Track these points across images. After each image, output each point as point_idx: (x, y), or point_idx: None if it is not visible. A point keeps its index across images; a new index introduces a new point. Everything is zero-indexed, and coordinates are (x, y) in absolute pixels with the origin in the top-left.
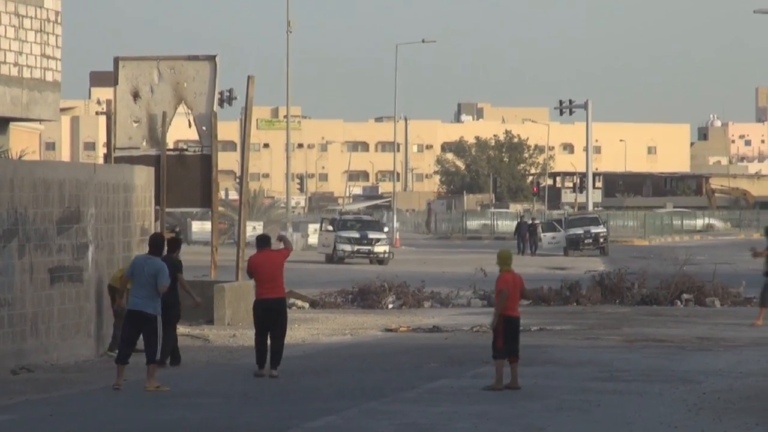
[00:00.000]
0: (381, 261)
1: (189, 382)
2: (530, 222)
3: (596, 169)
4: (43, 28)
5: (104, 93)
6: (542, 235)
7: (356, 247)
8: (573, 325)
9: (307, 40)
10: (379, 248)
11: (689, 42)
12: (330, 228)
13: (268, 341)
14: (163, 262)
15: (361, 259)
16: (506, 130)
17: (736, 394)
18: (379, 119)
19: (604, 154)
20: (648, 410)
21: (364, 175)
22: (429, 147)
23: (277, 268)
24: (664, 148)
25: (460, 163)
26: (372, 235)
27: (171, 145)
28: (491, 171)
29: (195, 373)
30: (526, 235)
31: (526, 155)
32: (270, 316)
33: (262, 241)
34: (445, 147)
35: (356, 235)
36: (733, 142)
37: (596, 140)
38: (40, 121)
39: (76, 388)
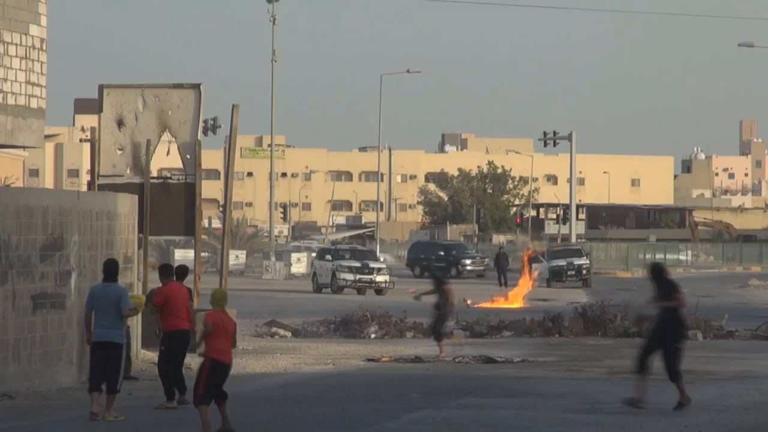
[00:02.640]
0: (380, 291)
1: (170, 411)
2: (500, 251)
3: (580, 200)
4: (28, 55)
5: (88, 120)
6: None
7: (358, 276)
8: (555, 356)
9: (292, 69)
10: (380, 277)
11: (673, 74)
12: (329, 257)
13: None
14: (122, 287)
15: (355, 289)
16: (489, 161)
17: (717, 428)
18: (363, 149)
19: (587, 185)
20: None
21: (348, 204)
22: (413, 177)
23: (186, 300)
24: (648, 181)
25: (443, 194)
26: (373, 264)
27: (155, 173)
28: (474, 202)
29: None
30: (505, 267)
31: (510, 186)
32: (181, 347)
33: (172, 271)
34: (429, 177)
35: (357, 264)
36: (716, 174)
37: (580, 172)
38: (24, 147)
39: (58, 416)
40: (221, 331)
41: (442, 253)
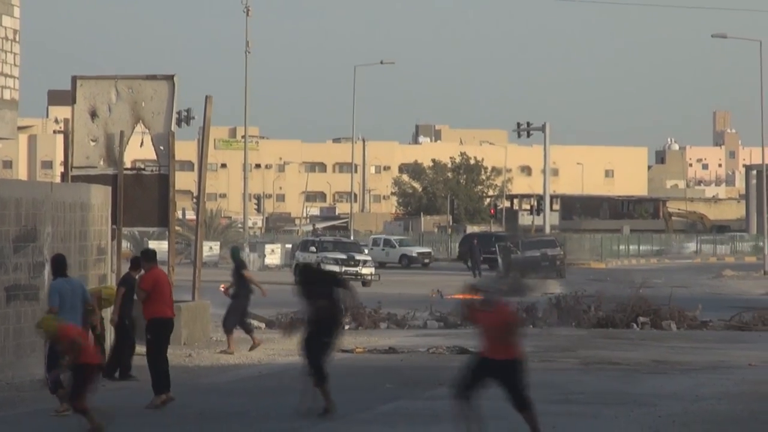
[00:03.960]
0: (366, 283)
1: (144, 402)
2: (473, 242)
3: (554, 191)
4: (1, 46)
5: (62, 112)
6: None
7: (344, 269)
8: (529, 347)
9: (266, 60)
10: (365, 270)
11: (647, 66)
12: (313, 249)
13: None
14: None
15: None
16: (462, 153)
17: (691, 418)
18: (337, 140)
19: (561, 176)
20: None
21: (322, 195)
22: (387, 168)
23: (170, 287)
24: (622, 171)
25: (417, 185)
26: (359, 256)
27: (128, 165)
28: (448, 193)
29: (150, 393)
30: (479, 257)
31: (483, 177)
32: (167, 336)
33: (155, 256)
34: (403, 168)
35: (343, 256)
36: (690, 165)
37: (554, 163)
38: None
39: (31, 407)
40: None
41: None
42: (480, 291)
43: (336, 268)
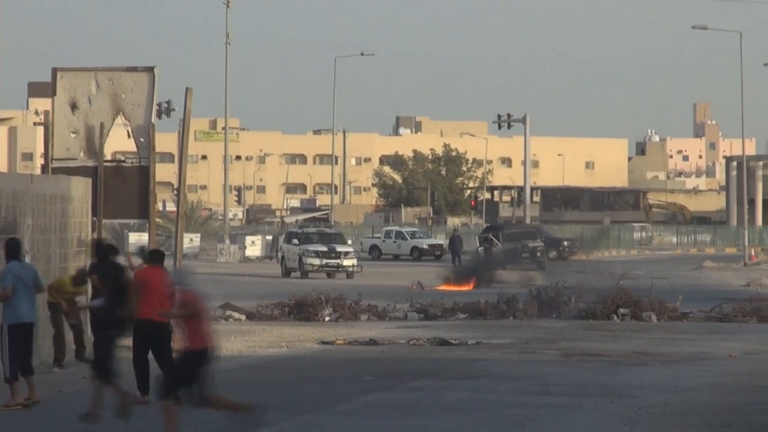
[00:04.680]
0: (349, 275)
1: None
2: (454, 233)
3: (534, 183)
4: None
5: (42, 104)
6: (479, 248)
7: (324, 261)
8: (509, 338)
9: (246, 52)
10: (347, 261)
11: (627, 57)
12: (296, 241)
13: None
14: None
15: (318, 274)
16: (444, 144)
17: (671, 409)
18: (317, 132)
19: (542, 168)
20: (583, 424)
21: (302, 187)
22: (367, 160)
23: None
24: (602, 163)
25: (397, 177)
26: (340, 248)
27: (109, 157)
28: (429, 184)
29: (129, 386)
30: (459, 249)
31: (464, 169)
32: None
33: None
34: (383, 160)
35: (324, 248)
36: (670, 157)
37: (534, 154)
38: None
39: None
40: None
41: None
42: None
43: (317, 261)
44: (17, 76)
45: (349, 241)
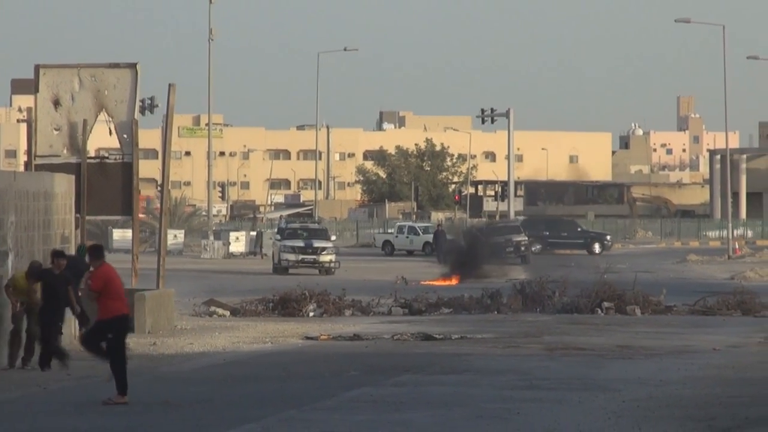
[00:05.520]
0: (327, 270)
1: (109, 391)
2: (438, 228)
3: (518, 177)
4: None
5: (25, 101)
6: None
7: (300, 257)
8: (493, 333)
9: (229, 48)
10: (324, 257)
11: (611, 51)
12: (278, 237)
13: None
14: None
15: (307, 270)
16: (427, 139)
17: (655, 402)
18: (301, 127)
19: (526, 162)
20: (567, 418)
21: (286, 183)
22: (351, 155)
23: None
24: (586, 157)
25: (381, 172)
26: (317, 243)
27: (92, 153)
28: (412, 179)
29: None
30: (444, 243)
31: (448, 164)
32: (125, 334)
33: (103, 252)
34: (367, 155)
35: (301, 244)
36: (654, 150)
37: (518, 149)
38: None
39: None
40: None
41: (549, 231)
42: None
43: (292, 257)
44: (0, 74)
45: (333, 237)
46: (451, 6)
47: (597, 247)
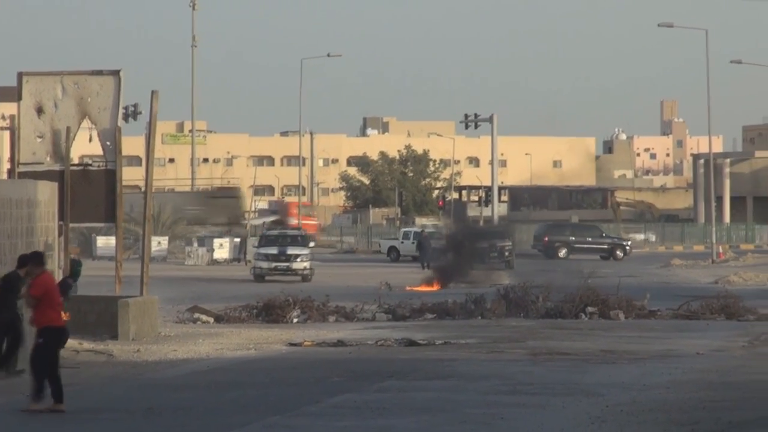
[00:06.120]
0: (304, 278)
1: (92, 398)
2: (422, 234)
3: (502, 182)
4: None
5: (8, 108)
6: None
7: (274, 264)
8: (477, 338)
9: (213, 54)
10: (298, 264)
11: (594, 55)
12: (255, 244)
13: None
14: None
15: (282, 277)
16: (407, 145)
17: (639, 407)
18: (284, 133)
19: (509, 167)
20: (551, 423)
21: (270, 189)
22: (335, 161)
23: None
24: (570, 162)
25: (364, 178)
26: (291, 250)
27: (75, 160)
28: (396, 185)
29: (98, 389)
30: (429, 249)
31: (431, 169)
32: (61, 345)
33: (42, 259)
34: (351, 161)
35: (274, 251)
36: (638, 155)
37: (502, 154)
38: None
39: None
40: None
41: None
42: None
43: (266, 264)
44: None
45: (312, 244)
46: (435, 12)
47: (619, 253)
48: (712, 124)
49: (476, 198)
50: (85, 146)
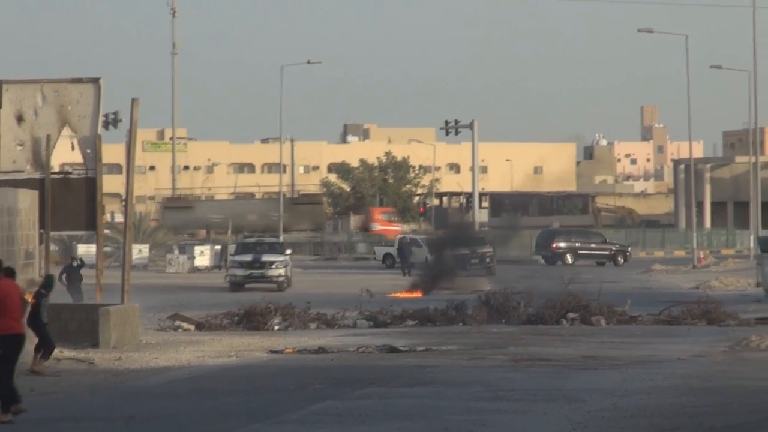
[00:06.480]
0: (279, 285)
1: (74, 406)
2: (403, 240)
3: (483, 188)
4: None
5: None
6: (428, 254)
7: (248, 272)
8: (459, 345)
9: (193, 61)
10: (272, 272)
11: (574, 61)
12: (231, 252)
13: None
14: None
15: (257, 284)
16: (387, 152)
17: (620, 413)
18: (265, 140)
19: (490, 173)
20: (533, 429)
21: (251, 196)
22: (315, 168)
23: (20, 301)
24: (551, 168)
25: (345, 185)
26: (266, 258)
27: (56, 168)
28: (376, 192)
29: (80, 397)
30: (409, 254)
31: (411, 175)
32: (18, 353)
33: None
34: (332, 168)
35: (248, 258)
36: (618, 161)
37: (483, 160)
38: None
39: None
40: None
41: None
42: None
43: (240, 272)
44: None
45: (288, 251)
46: (415, 18)
47: (620, 259)
48: (693, 130)
49: (457, 204)
50: (66, 154)
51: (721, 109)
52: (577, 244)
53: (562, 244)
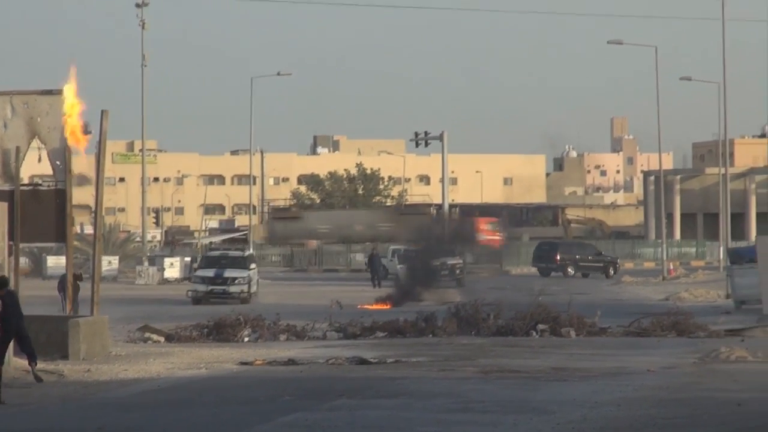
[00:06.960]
0: (243, 301)
1: (42, 418)
2: (373, 252)
3: (452, 200)
4: None
5: None
6: (398, 266)
7: (210, 287)
8: (428, 356)
9: (163, 73)
10: (235, 288)
11: (543, 73)
12: (195, 266)
13: None
14: None
15: (219, 301)
16: (357, 163)
17: (589, 424)
18: (235, 152)
19: (460, 185)
20: None
21: (221, 208)
22: (285, 180)
23: None
24: (521, 179)
25: (315, 197)
26: (228, 273)
27: (25, 180)
28: (346, 203)
29: (49, 409)
30: (379, 267)
31: (381, 186)
32: None
33: None
34: (302, 179)
35: (210, 274)
36: (588, 172)
37: (452, 172)
38: None
39: None
40: None
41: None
42: None
43: (202, 287)
44: None
45: (252, 265)
46: (385, 30)
47: (611, 271)
48: (663, 141)
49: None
50: (35, 166)
51: (691, 120)
52: (577, 256)
53: (566, 256)
